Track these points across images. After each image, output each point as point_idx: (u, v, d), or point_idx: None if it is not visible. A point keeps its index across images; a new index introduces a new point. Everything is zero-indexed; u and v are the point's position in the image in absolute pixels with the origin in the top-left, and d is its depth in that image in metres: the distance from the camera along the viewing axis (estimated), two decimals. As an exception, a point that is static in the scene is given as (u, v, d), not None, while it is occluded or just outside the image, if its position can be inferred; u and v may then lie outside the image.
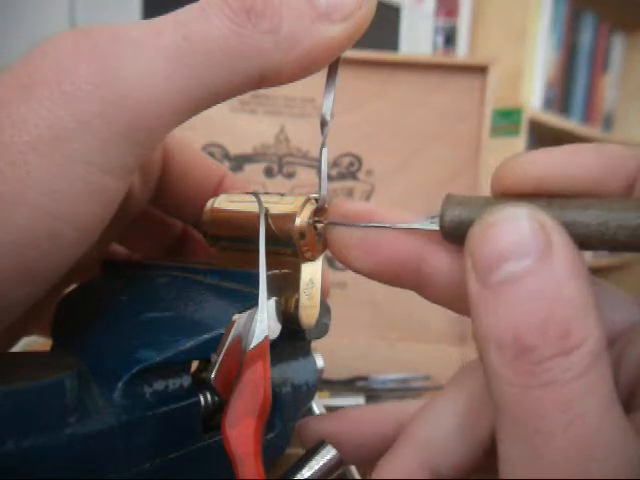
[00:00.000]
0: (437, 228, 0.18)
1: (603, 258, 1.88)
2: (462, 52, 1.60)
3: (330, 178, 0.60)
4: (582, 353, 0.14)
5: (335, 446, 0.21)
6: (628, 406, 0.17)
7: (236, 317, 0.19)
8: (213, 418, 0.21)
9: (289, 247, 0.21)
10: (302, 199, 0.21)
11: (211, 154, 0.58)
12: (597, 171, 0.17)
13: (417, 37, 1.45)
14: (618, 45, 1.95)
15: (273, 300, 0.20)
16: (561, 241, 0.14)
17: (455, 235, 0.18)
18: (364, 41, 0.21)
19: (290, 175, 0.60)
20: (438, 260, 0.19)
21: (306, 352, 0.25)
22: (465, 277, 0.15)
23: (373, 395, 0.49)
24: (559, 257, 0.14)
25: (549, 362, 0.14)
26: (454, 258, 0.19)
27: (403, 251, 0.19)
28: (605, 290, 0.18)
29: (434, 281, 0.19)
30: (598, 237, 0.16)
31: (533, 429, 0.14)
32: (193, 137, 0.57)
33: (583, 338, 0.14)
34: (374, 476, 0.19)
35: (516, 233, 0.14)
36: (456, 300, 0.19)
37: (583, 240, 0.15)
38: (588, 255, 1.76)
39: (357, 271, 0.20)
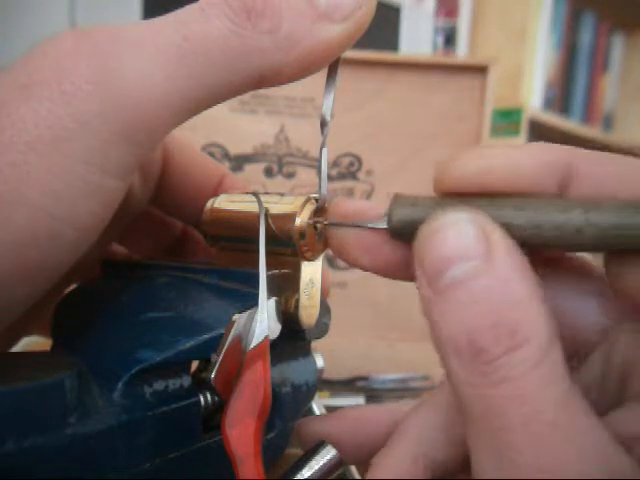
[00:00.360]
0: (385, 227, 0.19)
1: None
2: (462, 52, 1.60)
3: (330, 178, 0.60)
4: (531, 348, 0.14)
5: (334, 446, 0.22)
6: (617, 402, 0.17)
7: (236, 317, 0.19)
8: (213, 418, 0.21)
9: (289, 247, 0.21)
10: (302, 199, 0.21)
11: (211, 154, 0.58)
12: (532, 170, 0.17)
13: (417, 37, 1.45)
14: (618, 45, 1.95)
15: (273, 300, 0.20)
16: (502, 243, 0.15)
17: (402, 234, 0.18)
18: (364, 41, 0.21)
19: (290, 175, 0.60)
20: None
21: (306, 352, 0.25)
22: (417, 282, 0.16)
23: (373, 395, 0.49)
24: (501, 258, 0.15)
25: (500, 360, 0.14)
26: None
27: (402, 248, 0.19)
28: (594, 287, 0.18)
29: None
30: (533, 238, 0.16)
31: (496, 427, 0.14)
32: (193, 137, 0.57)
33: (531, 334, 0.14)
34: (370, 472, 0.20)
35: (459, 238, 0.15)
36: None
37: (520, 240, 0.16)
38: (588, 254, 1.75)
39: (360, 268, 0.20)
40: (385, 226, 0.19)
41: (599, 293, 0.18)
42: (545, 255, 0.18)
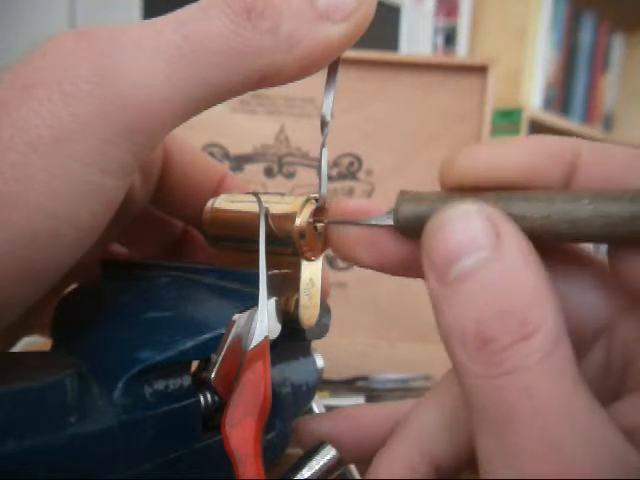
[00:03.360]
0: (392, 223, 0.19)
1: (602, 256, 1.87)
2: (462, 52, 1.60)
3: (330, 178, 0.60)
4: (540, 338, 0.14)
5: (334, 445, 0.22)
6: (619, 393, 0.17)
7: (236, 317, 0.19)
8: (213, 418, 0.21)
9: (289, 247, 0.21)
10: (302, 199, 0.21)
11: (211, 154, 0.58)
12: (537, 162, 0.17)
13: (417, 37, 1.45)
14: (618, 45, 1.95)
15: (273, 300, 0.20)
16: (510, 232, 0.15)
17: (409, 230, 0.18)
18: (364, 41, 0.21)
19: (290, 175, 0.60)
20: None
21: (306, 352, 0.25)
22: (425, 276, 0.16)
23: (373, 395, 0.49)
24: (510, 248, 0.15)
25: (510, 350, 0.14)
26: None
27: (406, 244, 0.19)
28: (595, 279, 0.18)
29: None
30: (542, 229, 0.16)
31: (502, 418, 0.14)
32: (193, 137, 0.57)
33: (540, 324, 0.14)
34: (370, 471, 0.20)
35: (467, 229, 0.15)
36: None
37: (528, 232, 0.16)
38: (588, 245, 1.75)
39: (362, 266, 0.20)
40: (390, 222, 0.19)
41: (601, 284, 0.18)
42: (546, 246, 0.18)
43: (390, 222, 0.19)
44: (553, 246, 0.18)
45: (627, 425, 0.14)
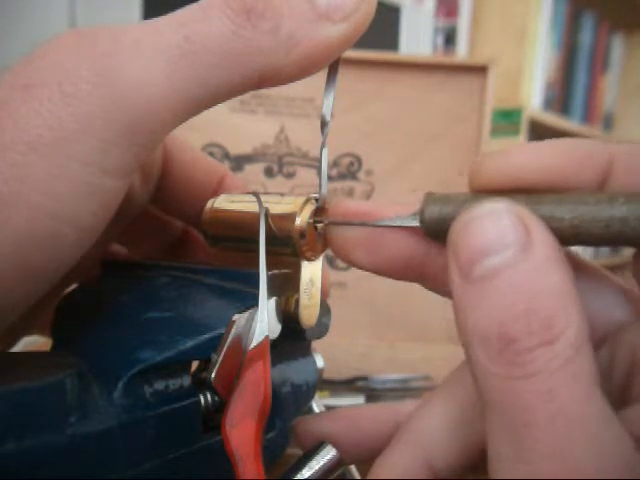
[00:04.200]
0: (418, 225, 0.18)
1: (603, 258, 1.88)
2: (462, 52, 1.60)
3: (330, 178, 0.60)
4: (565, 342, 0.14)
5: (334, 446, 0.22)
6: (622, 399, 0.17)
7: (236, 317, 0.19)
8: (213, 418, 0.21)
9: (289, 247, 0.21)
10: (302, 199, 0.21)
11: (211, 154, 0.58)
12: (570, 166, 0.17)
13: (417, 37, 1.45)
14: (618, 45, 1.95)
15: (273, 300, 0.20)
16: (540, 233, 0.15)
17: (436, 231, 0.18)
18: (364, 41, 0.21)
19: (290, 175, 0.60)
20: (442, 254, 0.19)
21: (306, 352, 0.25)
22: (448, 274, 0.15)
23: (373, 395, 0.49)
24: (539, 249, 0.14)
25: (533, 352, 0.14)
26: None
27: (407, 247, 0.19)
28: (602, 284, 0.18)
29: (439, 275, 0.19)
30: (573, 231, 0.16)
31: (520, 422, 0.14)
32: (193, 137, 0.57)
33: (565, 327, 0.14)
34: (372, 473, 0.20)
35: (496, 227, 0.15)
36: None
37: (558, 234, 0.15)
38: (588, 256, 1.76)
39: (361, 268, 0.20)
40: (416, 224, 0.18)
41: (610, 287, 0.18)
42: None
43: (415, 223, 0.18)
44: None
45: (636, 433, 0.14)
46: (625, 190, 0.17)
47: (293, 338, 0.22)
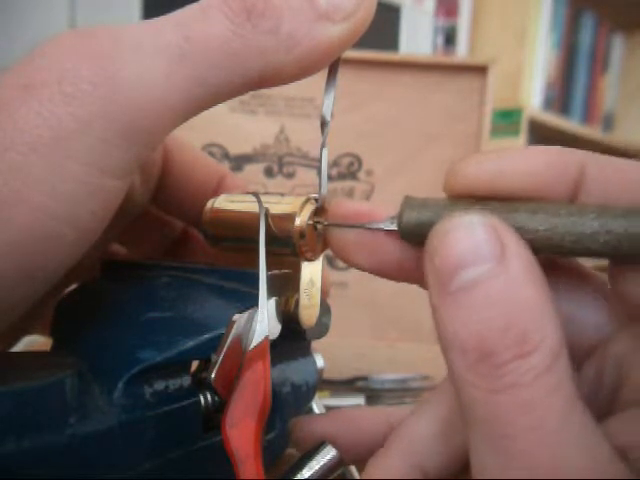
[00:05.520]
0: (395, 228, 0.19)
1: (603, 261, 1.87)
2: (462, 52, 1.60)
3: (330, 178, 0.60)
4: (540, 355, 0.14)
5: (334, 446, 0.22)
6: (610, 410, 0.17)
7: (236, 317, 0.19)
8: (213, 418, 0.21)
9: (289, 247, 0.21)
10: (302, 199, 0.21)
11: (211, 154, 0.58)
12: (544, 175, 0.17)
13: (417, 37, 1.45)
14: (618, 45, 1.95)
15: (273, 300, 0.20)
16: (515, 245, 0.15)
17: (413, 236, 0.18)
18: (364, 41, 0.21)
19: (290, 175, 0.60)
20: None
21: (306, 352, 0.25)
22: (427, 284, 0.16)
23: (373, 395, 0.49)
24: (514, 261, 0.14)
25: (509, 365, 0.14)
26: None
27: (398, 250, 0.19)
28: (589, 294, 0.18)
29: None
30: (546, 242, 0.16)
31: (499, 433, 0.14)
32: (193, 137, 0.57)
33: (541, 340, 0.14)
34: (365, 475, 0.20)
35: (471, 240, 0.15)
36: None
37: (532, 245, 0.15)
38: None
39: (360, 269, 0.20)
40: (394, 227, 0.19)
41: (599, 301, 0.18)
42: (547, 259, 0.18)
43: (393, 227, 0.19)
44: (553, 260, 0.18)
45: (618, 443, 0.14)
46: (596, 202, 0.17)
47: (293, 338, 0.22)
